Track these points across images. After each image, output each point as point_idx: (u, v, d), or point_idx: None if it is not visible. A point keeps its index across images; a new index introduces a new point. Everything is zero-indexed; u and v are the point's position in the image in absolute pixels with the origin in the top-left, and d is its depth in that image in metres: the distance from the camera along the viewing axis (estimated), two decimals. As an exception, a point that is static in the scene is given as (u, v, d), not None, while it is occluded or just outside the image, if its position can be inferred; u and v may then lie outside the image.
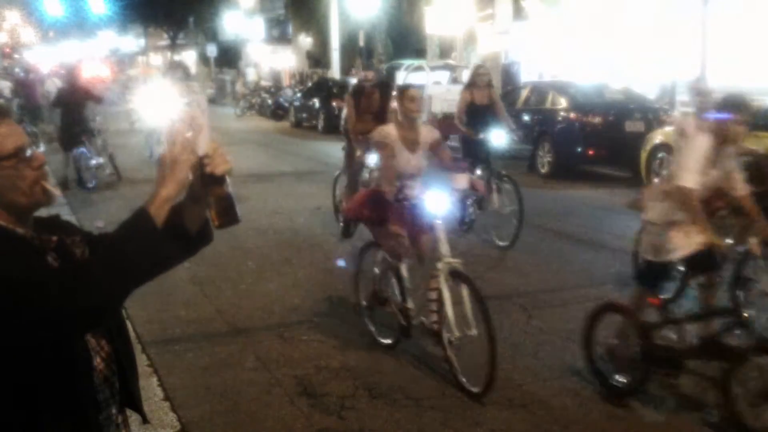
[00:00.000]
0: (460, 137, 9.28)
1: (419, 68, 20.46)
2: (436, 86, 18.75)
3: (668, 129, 11.75)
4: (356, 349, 5.30)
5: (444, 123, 17.69)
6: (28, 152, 1.73)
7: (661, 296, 4.66)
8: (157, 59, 64.17)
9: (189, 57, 54.18)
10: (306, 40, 38.11)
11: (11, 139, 1.70)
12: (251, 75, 40.82)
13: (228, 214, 1.79)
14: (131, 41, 68.01)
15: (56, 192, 1.81)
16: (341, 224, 8.61)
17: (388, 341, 5.28)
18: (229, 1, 43.84)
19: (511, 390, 4.59)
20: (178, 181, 1.68)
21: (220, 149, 1.74)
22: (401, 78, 20.75)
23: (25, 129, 2.66)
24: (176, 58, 42.05)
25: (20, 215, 1.72)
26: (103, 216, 9.21)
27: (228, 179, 1.76)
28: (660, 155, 10.74)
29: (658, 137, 10.99)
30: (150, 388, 4.56)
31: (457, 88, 19.11)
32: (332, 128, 21.45)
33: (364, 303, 5.49)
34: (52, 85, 18.64)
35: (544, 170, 13.48)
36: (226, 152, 1.75)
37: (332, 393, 4.58)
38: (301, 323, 5.85)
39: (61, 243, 1.78)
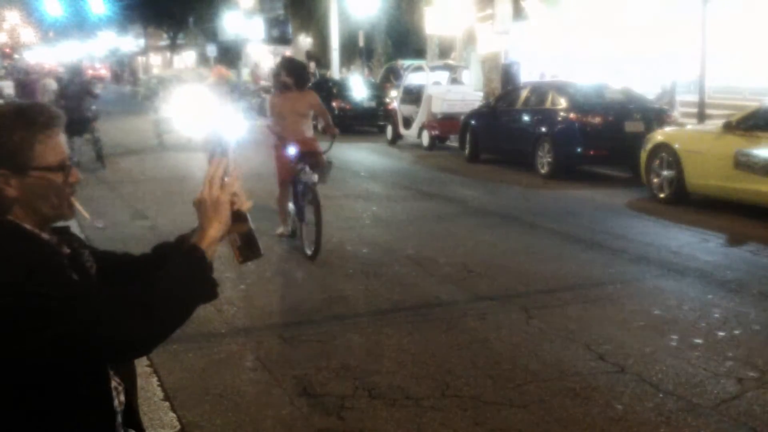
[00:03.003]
0: None
1: (419, 68, 20.48)
2: (435, 86, 18.76)
3: (668, 129, 11.77)
4: (356, 349, 5.30)
5: (443, 123, 17.77)
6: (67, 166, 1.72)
7: None
8: (156, 59, 64.16)
9: (189, 57, 54.25)
10: (306, 40, 38.15)
11: (56, 152, 1.68)
12: (245, 75, 40.77)
13: (251, 249, 1.84)
14: (131, 41, 68.06)
15: (85, 212, 1.81)
16: None
17: None
18: (229, 1, 43.88)
19: (511, 390, 4.59)
20: (223, 222, 1.72)
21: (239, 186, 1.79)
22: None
23: None
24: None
25: (40, 224, 1.71)
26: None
27: (248, 215, 1.82)
28: (660, 155, 10.74)
29: (658, 137, 11.00)
30: (150, 388, 4.56)
31: (458, 88, 19.33)
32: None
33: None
34: (48, 85, 18.70)
35: (543, 170, 13.48)
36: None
37: (332, 393, 4.58)
38: (301, 323, 5.84)
39: (76, 256, 1.77)
